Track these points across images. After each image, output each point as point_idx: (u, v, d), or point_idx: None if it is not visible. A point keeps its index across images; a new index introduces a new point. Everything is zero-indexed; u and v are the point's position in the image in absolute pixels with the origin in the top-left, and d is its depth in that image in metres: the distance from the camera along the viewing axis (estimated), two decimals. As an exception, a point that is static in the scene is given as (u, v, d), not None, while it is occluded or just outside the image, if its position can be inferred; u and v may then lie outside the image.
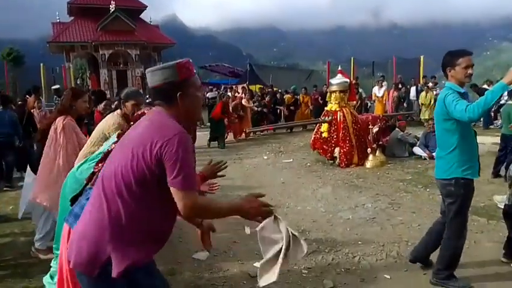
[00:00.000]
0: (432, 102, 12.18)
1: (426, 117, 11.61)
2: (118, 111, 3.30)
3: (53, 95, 12.69)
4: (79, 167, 2.65)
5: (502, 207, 3.71)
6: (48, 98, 15.69)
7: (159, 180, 1.50)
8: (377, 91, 13.73)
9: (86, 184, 2.07)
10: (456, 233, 2.96)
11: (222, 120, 10.98)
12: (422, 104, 12.86)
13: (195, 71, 1.70)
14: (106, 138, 2.98)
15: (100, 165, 2.05)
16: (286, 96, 14.60)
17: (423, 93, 12.87)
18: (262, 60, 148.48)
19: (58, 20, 24.93)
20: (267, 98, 14.45)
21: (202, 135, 11.10)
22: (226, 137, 11.48)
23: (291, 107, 14.32)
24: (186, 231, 3.84)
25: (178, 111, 1.62)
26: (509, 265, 3.35)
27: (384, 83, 14.12)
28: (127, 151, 1.54)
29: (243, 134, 12.18)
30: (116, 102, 8.82)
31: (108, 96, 21.18)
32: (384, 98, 13.53)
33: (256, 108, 13.08)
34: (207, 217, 1.88)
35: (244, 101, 12.45)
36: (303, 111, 14.17)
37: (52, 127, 3.51)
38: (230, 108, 11.59)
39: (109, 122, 3.21)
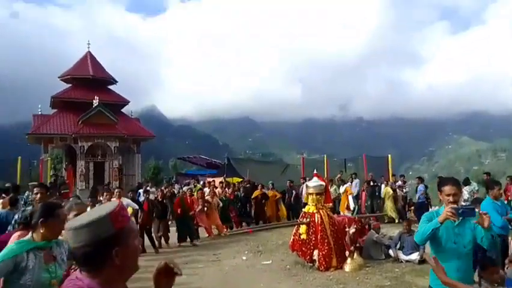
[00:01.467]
0: (390, 195, 13.35)
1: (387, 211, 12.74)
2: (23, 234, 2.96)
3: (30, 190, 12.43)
4: None
5: None
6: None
7: None
8: (350, 187, 14.38)
9: None
10: None
11: (186, 216, 10.90)
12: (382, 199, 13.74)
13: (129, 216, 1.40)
14: None
15: None
16: (255, 191, 14.40)
17: (386, 188, 13.81)
18: (238, 149, 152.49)
19: (40, 112, 25.43)
20: (229, 191, 14.18)
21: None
22: (198, 236, 11.37)
23: (262, 201, 14.17)
24: None
25: (111, 273, 1.32)
26: None
27: (356, 180, 14.83)
28: None
29: (213, 232, 12.01)
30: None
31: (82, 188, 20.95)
32: (346, 194, 14.11)
33: (221, 203, 12.62)
34: None
35: (208, 197, 12.18)
36: (271, 205, 14.33)
37: None
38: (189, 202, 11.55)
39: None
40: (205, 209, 11.73)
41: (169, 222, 11.25)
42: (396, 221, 12.89)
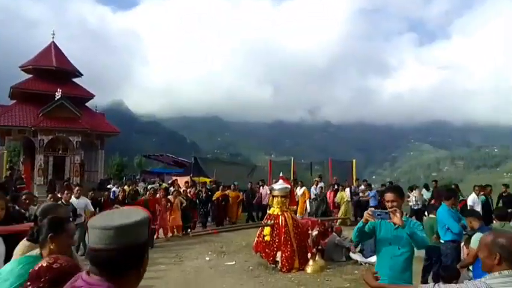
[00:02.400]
0: (345, 200, 13.92)
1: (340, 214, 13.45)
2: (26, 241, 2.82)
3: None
4: None
5: None
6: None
7: None
8: (312, 190, 14.65)
9: None
10: None
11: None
12: (338, 202, 14.17)
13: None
14: None
15: None
16: (216, 193, 14.27)
17: (340, 193, 14.27)
18: (206, 148, 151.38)
19: (-3, 103, 24.19)
20: (191, 191, 13.91)
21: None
22: (156, 237, 11.24)
23: (223, 203, 14.05)
24: None
25: (130, 282, 1.21)
26: None
27: (321, 184, 15.09)
28: None
29: (172, 231, 11.88)
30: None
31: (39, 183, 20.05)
32: (304, 197, 14.33)
33: (184, 203, 12.32)
34: None
35: (170, 197, 12.01)
36: (232, 207, 14.36)
37: None
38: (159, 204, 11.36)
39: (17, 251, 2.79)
40: (167, 207, 11.57)
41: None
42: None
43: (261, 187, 15.26)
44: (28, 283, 1.87)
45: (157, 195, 11.91)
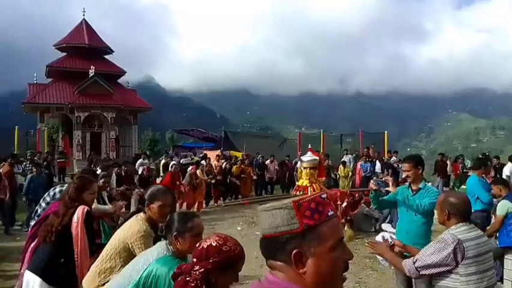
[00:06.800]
0: (350, 175, 13.75)
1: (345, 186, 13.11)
2: (141, 214, 2.72)
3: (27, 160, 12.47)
4: None
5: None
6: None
7: None
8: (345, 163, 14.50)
9: None
10: None
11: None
12: (339, 175, 13.94)
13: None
14: (127, 250, 2.54)
15: None
16: (234, 167, 14.03)
17: (341, 167, 14.06)
18: (235, 122, 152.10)
19: (35, 81, 25.20)
20: (225, 165, 13.93)
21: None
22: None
23: (242, 176, 13.88)
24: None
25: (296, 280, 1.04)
26: None
27: (346, 157, 14.93)
28: None
29: (197, 206, 11.67)
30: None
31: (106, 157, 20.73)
32: (348, 174, 14.08)
33: (209, 180, 12.26)
34: None
35: (198, 172, 11.82)
36: (246, 182, 14.08)
37: (73, 224, 3.01)
38: (182, 179, 11.22)
39: (132, 229, 2.61)
40: (196, 181, 11.38)
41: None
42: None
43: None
44: (194, 259, 1.76)
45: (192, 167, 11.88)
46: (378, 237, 3.09)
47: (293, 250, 1.01)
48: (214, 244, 1.73)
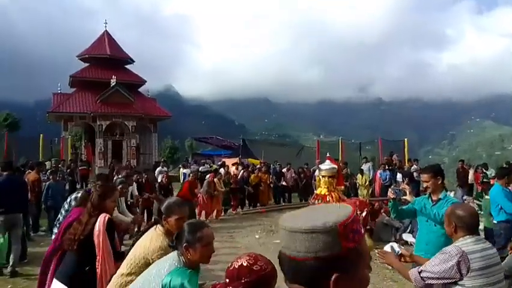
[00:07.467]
0: (367, 183, 13.43)
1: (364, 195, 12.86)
2: (160, 227, 2.75)
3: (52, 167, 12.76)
4: None
5: None
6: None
7: None
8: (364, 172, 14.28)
9: None
10: None
11: (189, 201, 10.00)
12: (359, 184, 13.72)
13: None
14: (148, 265, 2.53)
15: None
16: (252, 176, 13.77)
17: (359, 175, 13.82)
18: (253, 130, 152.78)
19: (59, 91, 25.95)
20: (243, 173, 13.71)
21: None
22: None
23: (260, 185, 13.72)
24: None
25: None
26: None
27: (366, 165, 14.70)
28: None
29: (215, 214, 11.58)
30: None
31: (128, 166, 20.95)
32: (366, 183, 13.79)
33: (224, 189, 12.00)
34: None
35: (216, 181, 11.64)
36: (264, 190, 13.89)
37: (95, 232, 3.08)
38: (200, 187, 11.09)
39: (153, 244, 2.64)
40: (214, 192, 11.31)
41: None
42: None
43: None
44: (227, 280, 1.75)
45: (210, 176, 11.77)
46: (387, 247, 3.07)
47: (328, 274, 0.91)
48: (245, 264, 1.75)
